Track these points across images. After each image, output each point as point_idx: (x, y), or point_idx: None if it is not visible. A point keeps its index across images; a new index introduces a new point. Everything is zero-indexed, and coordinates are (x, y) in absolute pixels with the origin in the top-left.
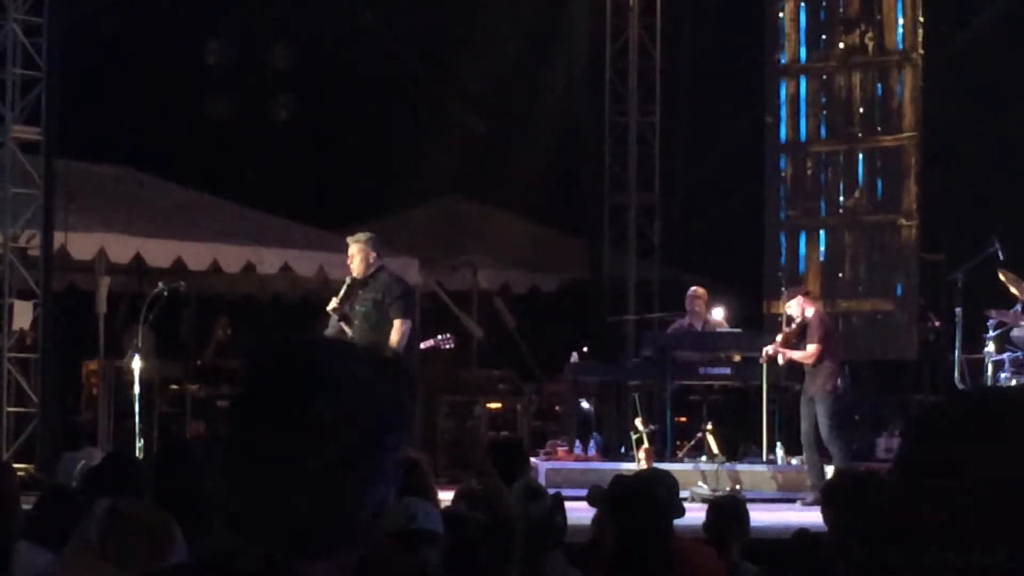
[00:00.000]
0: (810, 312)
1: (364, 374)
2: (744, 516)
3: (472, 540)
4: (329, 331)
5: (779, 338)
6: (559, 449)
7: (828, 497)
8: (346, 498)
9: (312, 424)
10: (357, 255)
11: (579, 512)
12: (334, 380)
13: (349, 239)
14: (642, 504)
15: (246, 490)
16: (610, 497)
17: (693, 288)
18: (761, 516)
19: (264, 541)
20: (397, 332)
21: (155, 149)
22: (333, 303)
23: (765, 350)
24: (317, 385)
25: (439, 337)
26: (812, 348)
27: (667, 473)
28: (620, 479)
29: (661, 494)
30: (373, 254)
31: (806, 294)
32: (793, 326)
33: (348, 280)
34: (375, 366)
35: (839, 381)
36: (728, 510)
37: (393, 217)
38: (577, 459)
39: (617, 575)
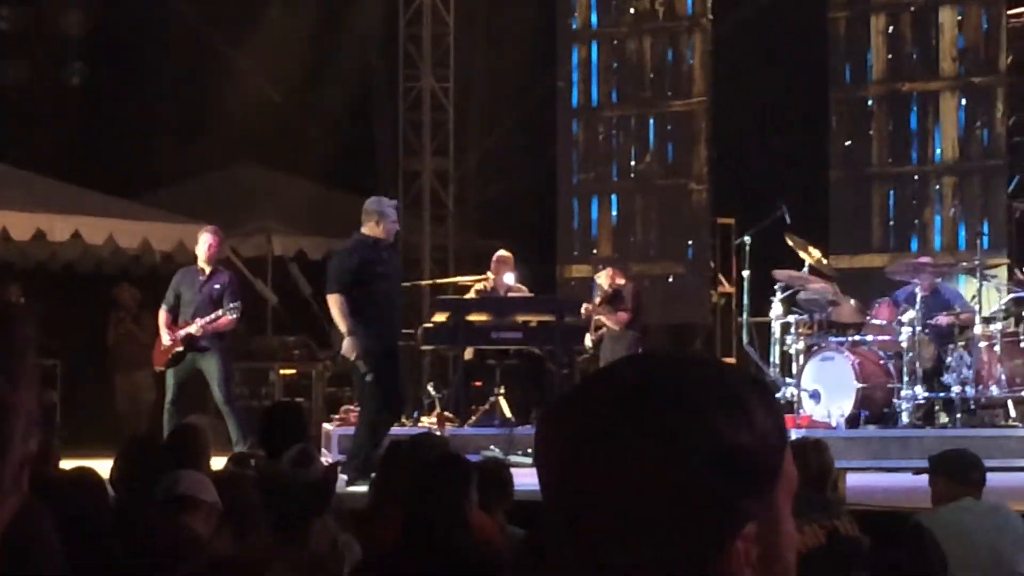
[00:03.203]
0: (620, 282)
1: None
2: (508, 481)
3: (245, 500)
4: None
5: (595, 302)
6: (352, 414)
7: None
8: None
9: None
10: (394, 214)
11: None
12: None
13: (383, 204)
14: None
15: None
16: (386, 461)
17: (499, 252)
18: None
19: None
20: None
21: None
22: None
23: (585, 306)
24: None
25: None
26: (622, 315)
27: (439, 436)
28: (395, 444)
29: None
30: None
31: (616, 267)
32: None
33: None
34: None
35: (639, 350)
36: (491, 475)
37: (186, 183)
38: None
39: (403, 541)
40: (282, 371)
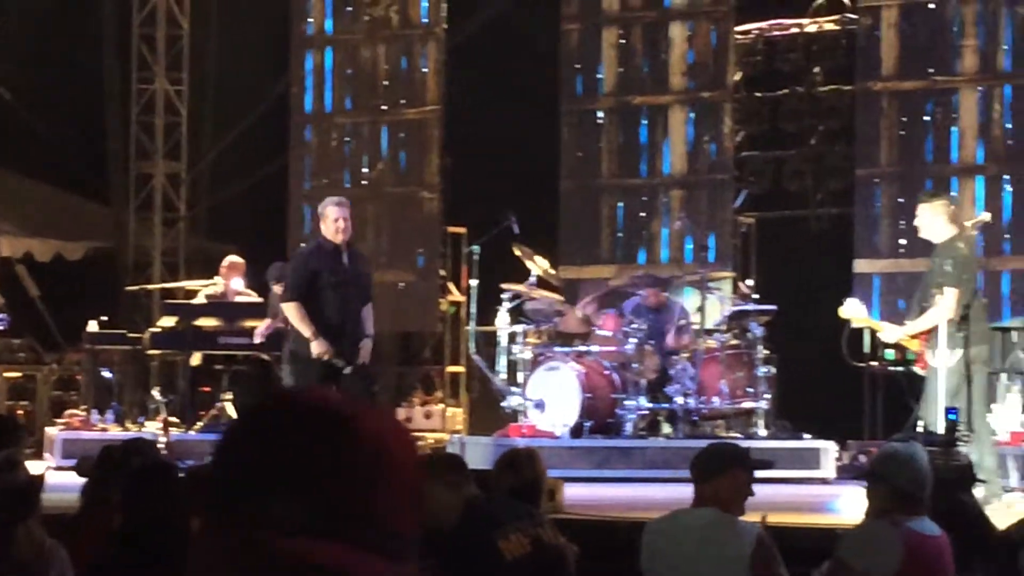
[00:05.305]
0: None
1: None
2: None
3: None
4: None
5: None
6: (76, 419)
7: None
8: None
9: None
10: (349, 218)
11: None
12: None
13: (325, 203)
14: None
15: None
16: (99, 466)
17: (229, 257)
18: None
19: None
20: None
21: None
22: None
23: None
24: None
25: None
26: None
27: (150, 441)
28: (108, 449)
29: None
30: None
31: None
32: None
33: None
34: None
35: None
36: (202, 480)
37: None
38: (93, 429)
39: (116, 551)
40: (6, 374)
